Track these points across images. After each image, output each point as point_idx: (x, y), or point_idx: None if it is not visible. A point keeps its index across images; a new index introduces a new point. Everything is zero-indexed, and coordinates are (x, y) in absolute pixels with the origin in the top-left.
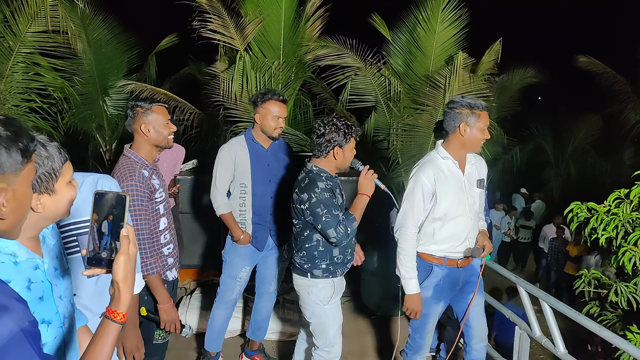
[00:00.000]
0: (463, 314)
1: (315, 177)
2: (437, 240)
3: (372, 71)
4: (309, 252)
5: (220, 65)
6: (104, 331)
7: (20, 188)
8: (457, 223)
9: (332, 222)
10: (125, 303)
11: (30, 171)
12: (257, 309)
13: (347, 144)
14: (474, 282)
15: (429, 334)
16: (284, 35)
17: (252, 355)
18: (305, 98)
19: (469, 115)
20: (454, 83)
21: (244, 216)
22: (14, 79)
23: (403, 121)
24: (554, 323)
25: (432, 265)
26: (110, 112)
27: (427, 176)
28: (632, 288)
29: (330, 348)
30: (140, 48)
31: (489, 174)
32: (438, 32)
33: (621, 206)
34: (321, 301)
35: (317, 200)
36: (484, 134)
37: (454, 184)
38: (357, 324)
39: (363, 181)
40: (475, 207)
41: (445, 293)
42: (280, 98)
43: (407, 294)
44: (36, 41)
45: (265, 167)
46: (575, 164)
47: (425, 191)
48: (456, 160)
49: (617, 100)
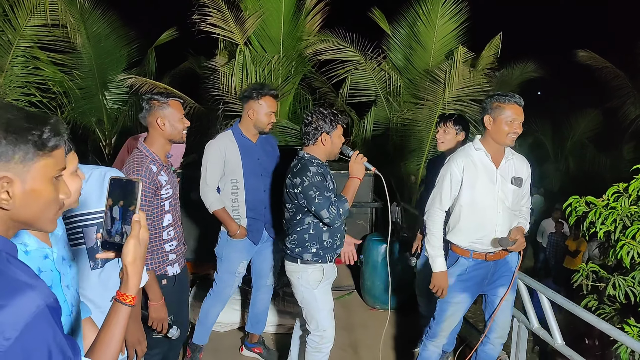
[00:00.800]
0: (492, 305)
1: (307, 163)
2: (461, 227)
3: (372, 65)
4: (300, 235)
5: (220, 59)
6: (115, 314)
7: (32, 182)
8: (483, 213)
9: (325, 203)
10: (134, 287)
11: (47, 167)
12: (255, 302)
13: (334, 130)
14: (507, 275)
15: (445, 322)
16: (283, 29)
17: (252, 347)
18: (305, 92)
19: (493, 108)
20: (454, 77)
21: (237, 211)
22: (13, 73)
23: (403, 115)
24: (551, 315)
25: (459, 256)
26: (109, 106)
27: (456, 164)
28: (629, 281)
29: (322, 332)
30: (139, 42)
31: (533, 176)
32: (438, 26)
33: (620, 200)
34: (310, 285)
35: (309, 184)
36: (511, 126)
37: (484, 175)
38: (357, 317)
39: (353, 165)
40: (506, 202)
41: (470, 285)
42: (275, 93)
43: (434, 271)
44: (35, 35)
45: (255, 161)
46: (574, 158)
47: (453, 178)
48: (489, 153)
49: (617, 95)
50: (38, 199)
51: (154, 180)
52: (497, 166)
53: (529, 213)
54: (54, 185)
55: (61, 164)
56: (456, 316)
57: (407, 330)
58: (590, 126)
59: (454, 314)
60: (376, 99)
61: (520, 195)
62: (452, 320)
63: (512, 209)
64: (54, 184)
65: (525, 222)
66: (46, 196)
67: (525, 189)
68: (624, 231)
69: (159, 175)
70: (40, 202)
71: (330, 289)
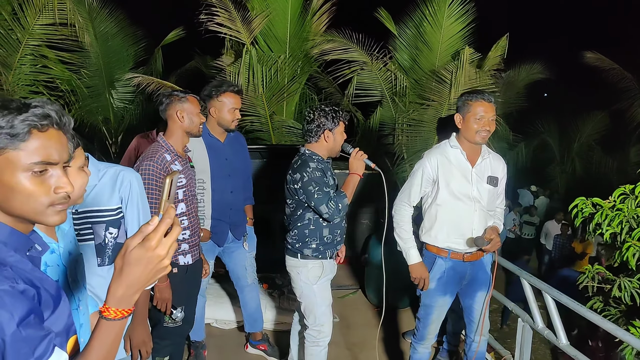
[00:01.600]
0: (469, 309)
1: (307, 159)
2: (438, 227)
3: (378, 66)
4: (300, 230)
5: (227, 59)
6: (98, 331)
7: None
8: (457, 212)
9: (324, 199)
10: (121, 298)
11: (12, 159)
12: (244, 303)
13: (337, 127)
14: (483, 279)
15: (431, 325)
16: (290, 29)
17: (256, 344)
18: (311, 92)
19: (462, 106)
20: (460, 78)
21: (202, 212)
22: (22, 71)
23: (409, 116)
24: (556, 315)
25: (436, 257)
26: (116, 105)
27: (430, 162)
28: (635, 283)
29: (320, 327)
30: (146, 41)
31: (509, 175)
32: (444, 27)
33: (626, 202)
34: (310, 281)
35: (309, 179)
36: (479, 123)
37: (459, 173)
38: (361, 316)
39: (353, 161)
40: (482, 202)
41: (450, 286)
42: (236, 89)
43: (410, 264)
44: (44, 34)
45: (223, 161)
46: (580, 160)
47: (425, 174)
48: (464, 151)
49: (624, 97)
50: (12, 193)
51: (165, 167)
52: (472, 165)
53: (503, 214)
54: (32, 178)
55: (38, 156)
56: (441, 317)
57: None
58: (597, 128)
59: (438, 315)
60: (382, 99)
61: (495, 194)
62: (438, 322)
63: (487, 209)
64: (33, 177)
65: (499, 222)
66: (21, 190)
67: (500, 189)
68: (630, 233)
69: (172, 164)
70: (16, 195)
71: (329, 285)
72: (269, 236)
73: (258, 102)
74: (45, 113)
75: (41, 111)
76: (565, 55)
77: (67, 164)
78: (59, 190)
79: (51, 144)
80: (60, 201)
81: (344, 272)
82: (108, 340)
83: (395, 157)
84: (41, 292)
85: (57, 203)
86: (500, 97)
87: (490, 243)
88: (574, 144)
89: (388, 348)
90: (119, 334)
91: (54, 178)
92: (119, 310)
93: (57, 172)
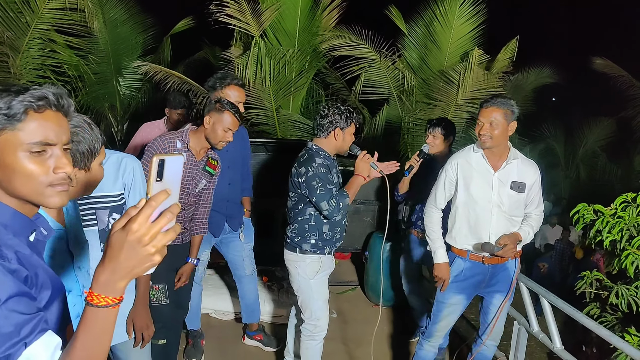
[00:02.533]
0: (485, 309)
1: (313, 154)
2: (457, 229)
3: (387, 64)
4: (301, 225)
5: (235, 50)
6: (84, 319)
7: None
8: (476, 215)
9: (325, 195)
10: (100, 283)
11: (11, 139)
12: (242, 294)
13: (348, 127)
14: (504, 282)
15: (441, 322)
16: (299, 23)
17: (253, 335)
18: (319, 87)
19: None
20: (468, 79)
21: None
22: (29, 55)
23: (415, 115)
24: (552, 319)
25: (456, 256)
26: (123, 92)
27: (452, 165)
28: (633, 291)
29: (316, 322)
30: (155, 30)
31: (543, 183)
32: (455, 27)
33: (627, 210)
34: (307, 275)
35: (313, 174)
36: (477, 129)
37: (479, 177)
38: (359, 312)
39: (359, 163)
40: (502, 207)
41: (466, 287)
42: (240, 83)
43: (435, 262)
44: (53, 18)
45: (224, 153)
46: (585, 166)
47: (447, 178)
48: (487, 155)
49: (631, 105)
50: (14, 173)
51: (168, 149)
52: (495, 169)
53: (540, 220)
54: (30, 158)
55: (35, 137)
56: (452, 317)
57: (411, 327)
58: (603, 135)
59: (450, 314)
60: (389, 97)
61: (522, 200)
62: (448, 320)
63: (509, 214)
64: (32, 156)
65: (528, 229)
66: (20, 169)
67: (532, 195)
68: (630, 241)
69: (181, 151)
70: (17, 175)
71: (326, 280)
72: (271, 229)
73: (265, 95)
74: (42, 95)
75: (39, 93)
76: (574, 61)
77: (67, 145)
78: (58, 170)
79: (49, 125)
80: (59, 182)
81: (344, 268)
82: (94, 330)
83: (400, 155)
84: (35, 276)
85: (57, 184)
86: None
87: (502, 249)
88: (579, 149)
89: (384, 346)
90: (107, 325)
91: (53, 158)
92: (102, 297)
93: (57, 152)
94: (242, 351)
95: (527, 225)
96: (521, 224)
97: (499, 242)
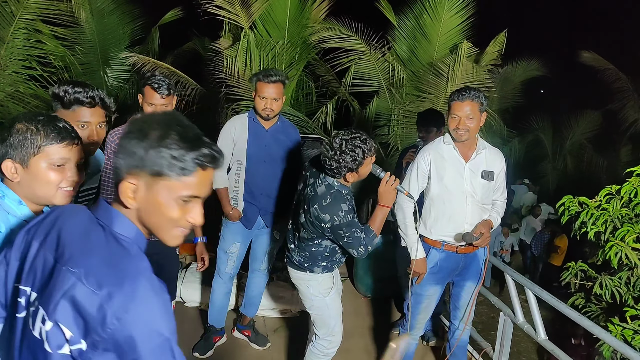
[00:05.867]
0: (456, 296)
1: (337, 197)
2: (432, 220)
3: (376, 56)
4: (313, 254)
5: (224, 42)
6: None
7: (155, 194)
8: (451, 207)
9: (355, 244)
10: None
11: (171, 187)
12: (249, 285)
13: (361, 166)
14: (475, 270)
15: (420, 314)
16: (289, 14)
17: (242, 329)
18: (309, 79)
19: (448, 105)
20: (457, 72)
21: (237, 192)
22: (14, 45)
23: (405, 107)
24: (536, 310)
25: (430, 247)
26: (110, 83)
27: (424, 157)
28: (616, 281)
29: (331, 337)
30: (143, 20)
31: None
32: (444, 20)
33: (611, 202)
34: (321, 294)
35: (339, 223)
36: (453, 122)
37: (452, 168)
38: (348, 304)
39: (384, 193)
40: (475, 196)
41: (441, 277)
42: (271, 80)
43: (415, 258)
44: (39, 7)
45: (262, 147)
46: (572, 158)
47: (419, 170)
48: (457, 146)
49: (618, 98)
50: (158, 211)
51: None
52: (466, 160)
53: (504, 207)
54: (178, 205)
55: (191, 191)
56: (430, 307)
57: (398, 318)
58: (590, 127)
59: (428, 305)
60: (379, 89)
61: (492, 188)
62: (426, 311)
63: (482, 203)
64: (180, 203)
65: (497, 215)
66: (166, 213)
67: (498, 182)
68: (614, 232)
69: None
70: (160, 215)
71: (339, 293)
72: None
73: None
74: (212, 155)
75: (209, 152)
76: (562, 54)
77: (203, 198)
78: (190, 220)
79: (205, 182)
80: (185, 227)
81: None
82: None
83: (390, 147)
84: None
85: (182, 228)
86: (496, 93)
87: (480, 238)
88: (566, 141)
89: (373, 337)
90: None
91: (193, 209)
92: None
93: (197, 205)
94: (231, 342)
95: (495, 212)
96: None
97: (475, 231)
